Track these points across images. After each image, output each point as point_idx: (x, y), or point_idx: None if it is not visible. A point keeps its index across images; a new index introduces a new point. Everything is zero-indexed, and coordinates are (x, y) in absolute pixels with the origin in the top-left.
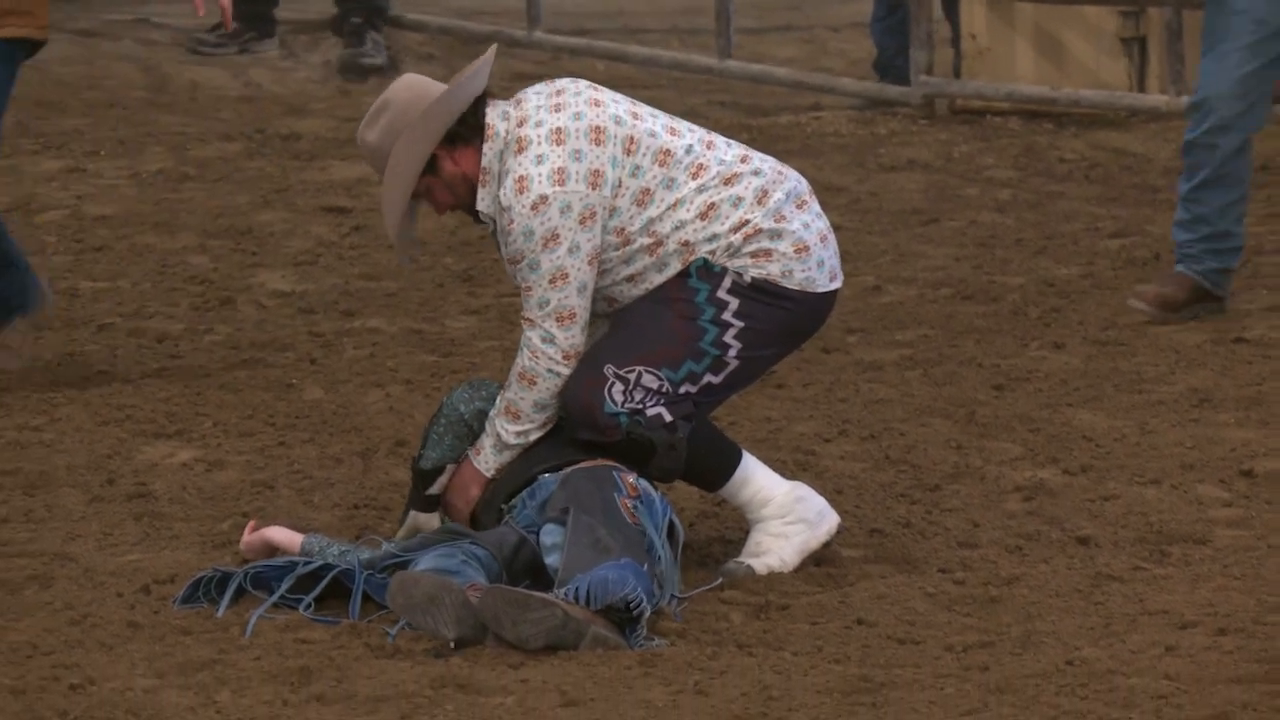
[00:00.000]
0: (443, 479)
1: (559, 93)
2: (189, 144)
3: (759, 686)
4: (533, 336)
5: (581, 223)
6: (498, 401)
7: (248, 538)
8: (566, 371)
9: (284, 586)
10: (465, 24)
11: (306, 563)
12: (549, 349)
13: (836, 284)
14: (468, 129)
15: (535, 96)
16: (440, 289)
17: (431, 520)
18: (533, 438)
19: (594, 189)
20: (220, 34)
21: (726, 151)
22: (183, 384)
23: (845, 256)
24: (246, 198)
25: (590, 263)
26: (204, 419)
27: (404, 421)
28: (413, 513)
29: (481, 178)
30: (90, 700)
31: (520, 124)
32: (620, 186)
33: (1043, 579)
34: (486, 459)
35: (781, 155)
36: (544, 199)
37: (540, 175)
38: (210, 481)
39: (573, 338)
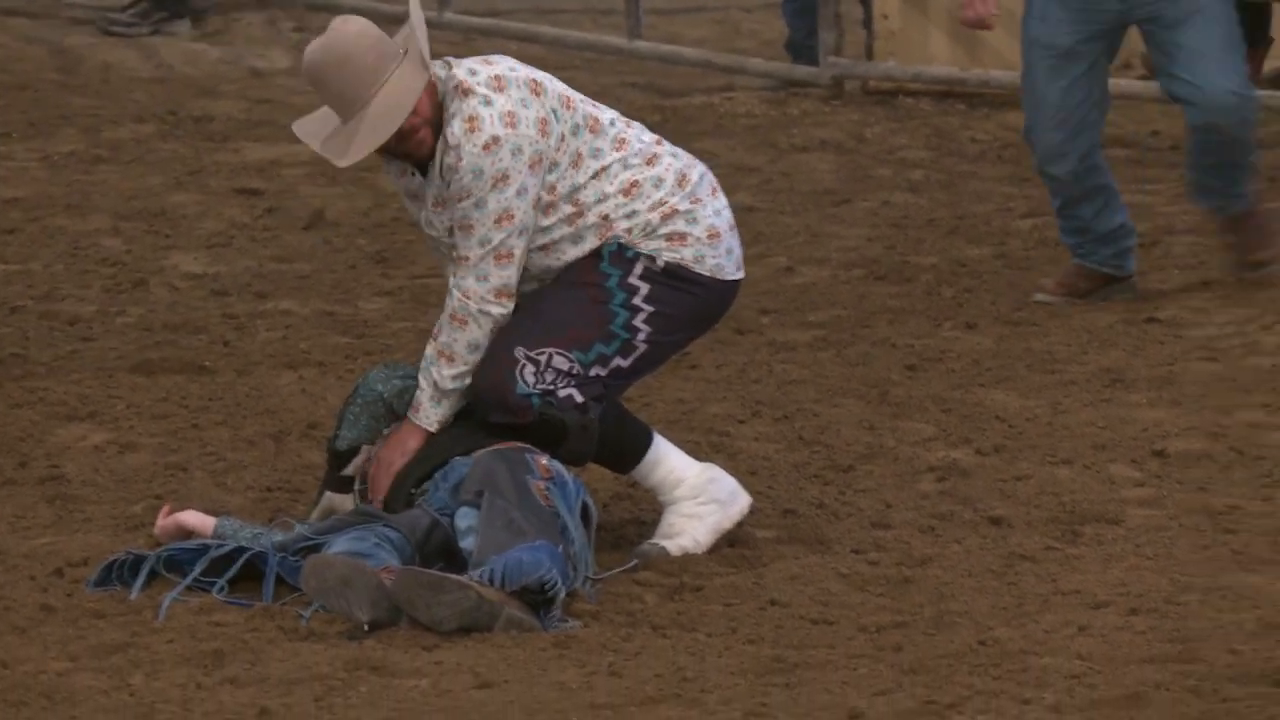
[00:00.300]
0: (358, 460)
1: (486, 56)
2: (101, 126)
3: (673, 668)
4: (466, 277)
5: (531, 167)
6: (427, 353)
7: (162, 521)
8: (498, 311)
9: (197, 569)
10: (378, 5)
11: (220, 545)
12: (481, 287)
13: (741, 274)
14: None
15: (464, 61)
16: (353, 270)
17: (345, 502)
18: (469, 381)
19: (544, 136)
20: (132, 14)
21: (643, 133)
22: (95, 366)
23: (758, 237)
24: (159, 179)
25: (534, 207)
26: (116, 401)
27: (317, 404)
28: (327, 494)
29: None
30: (3, 684)
31: (455, 69)
32: (563, 141)
33: (955, 559)
34: (426, 413)
35: (694, 136)
36: (496, 140)
37: (491, 116)
38: (123, 464)
39: (508, 276)
